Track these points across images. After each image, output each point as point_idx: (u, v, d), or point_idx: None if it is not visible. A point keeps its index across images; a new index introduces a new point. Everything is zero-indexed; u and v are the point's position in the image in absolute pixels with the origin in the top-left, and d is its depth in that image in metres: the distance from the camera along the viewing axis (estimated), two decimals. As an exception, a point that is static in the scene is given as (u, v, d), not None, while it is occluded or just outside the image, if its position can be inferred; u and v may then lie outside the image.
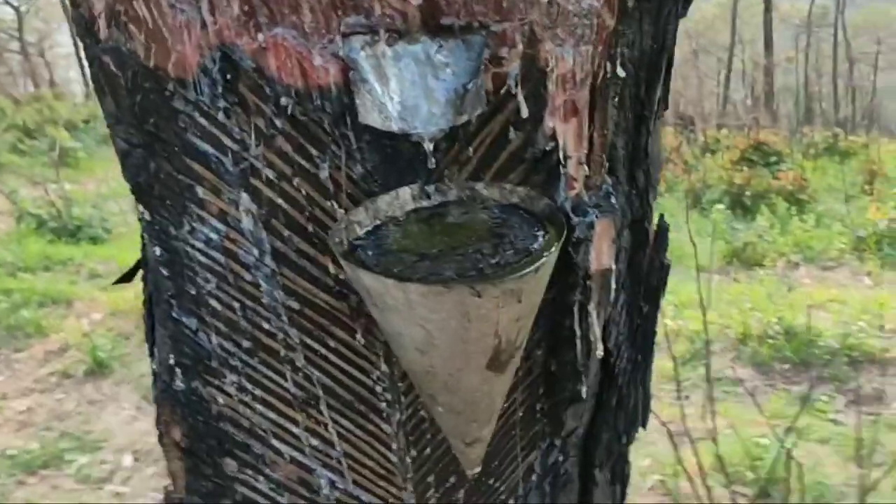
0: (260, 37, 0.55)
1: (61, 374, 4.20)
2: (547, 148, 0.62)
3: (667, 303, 4.75)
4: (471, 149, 0.61)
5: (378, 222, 0.60)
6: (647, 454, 3.23)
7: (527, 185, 0.63)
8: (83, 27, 0.60)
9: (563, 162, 0.63)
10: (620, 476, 0.89)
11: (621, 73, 0.62)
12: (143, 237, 0.69)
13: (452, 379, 0.58)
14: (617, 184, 0.68)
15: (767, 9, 19.74)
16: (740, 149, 9.49)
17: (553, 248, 0.54)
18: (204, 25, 0.56)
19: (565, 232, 0.56)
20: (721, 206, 7.66)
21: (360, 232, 0.59)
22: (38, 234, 6.48)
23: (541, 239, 0.56)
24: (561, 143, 0.62)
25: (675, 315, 4.48)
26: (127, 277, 0.82)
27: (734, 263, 5.92)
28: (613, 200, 0.68)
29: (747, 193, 7.82)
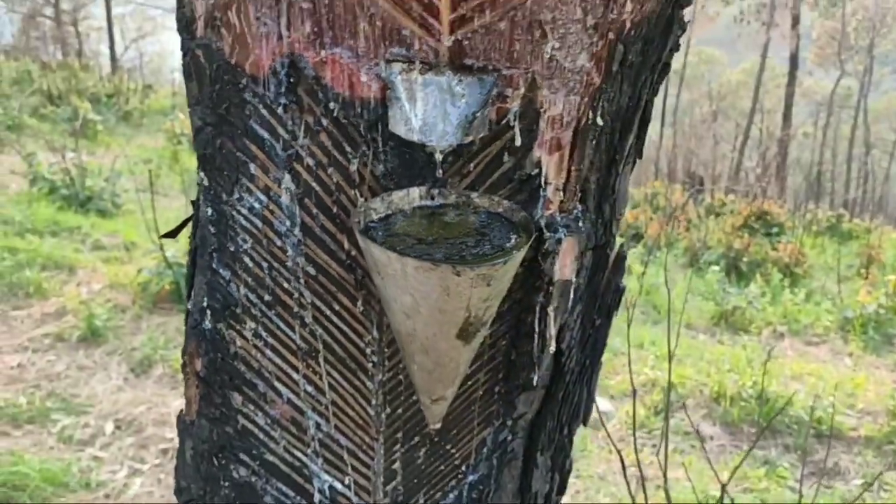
0: (323, 53, 0.71)
1: (56, 336, 4.30)
2: (532, 173, 0.77)
3: (649, 353, 4.89)
4: (472, 165, 0.76)
5: (390, 212, 0.75)
6: (607, 493, 3.36)
7: (512, 200, 0.78)
8: (183, 24, 0.75)
9: (543, 186, 0.78)
10: (560, 466, 1.03)
11: (599, 122, 0.77)
12: (197, 199, 0.84)
13: (428, 342, 0.73)
14: (585, 212, 0.83)
15: (790, 82, 20.06)
16: (744, 215, 9.65)
17: (521, 248, 0.69)
18: (280, 38, 0.71)
19: (534, 238, 0.71)
20: (717, 268, 7.79)
21: (375, 217, 0.74)
22: (49, 200, 6.60)
23: (514, 240, 0.71)
24: (544, 170, 0.78)
25: (654, 365, 4.62)
26: (174, 232, 0.97)
27: (721, 325, 6.03)
28: (581, 224, 0.83)
29: (744, 259, 7.95)
